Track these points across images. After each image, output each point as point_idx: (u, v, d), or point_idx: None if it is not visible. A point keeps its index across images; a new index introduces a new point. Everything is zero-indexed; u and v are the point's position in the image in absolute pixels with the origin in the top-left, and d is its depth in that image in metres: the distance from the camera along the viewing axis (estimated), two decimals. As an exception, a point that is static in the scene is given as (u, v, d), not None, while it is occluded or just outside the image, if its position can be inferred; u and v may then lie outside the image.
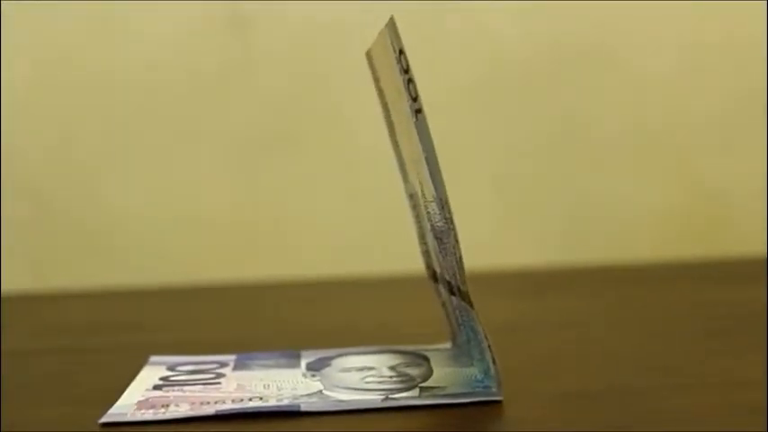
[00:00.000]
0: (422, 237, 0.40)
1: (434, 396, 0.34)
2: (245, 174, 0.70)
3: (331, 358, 0.40)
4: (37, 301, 0.61)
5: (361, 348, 0.42)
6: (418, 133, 0.33)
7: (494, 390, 0.34)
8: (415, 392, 0.35)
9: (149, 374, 0.39)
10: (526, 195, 0.72)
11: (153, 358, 0.41)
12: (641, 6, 0.72)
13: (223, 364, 0.40)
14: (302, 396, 0.34)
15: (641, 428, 0.30)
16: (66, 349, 0.46)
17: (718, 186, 0.74)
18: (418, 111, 0.32)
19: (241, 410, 0.33)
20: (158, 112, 0.70)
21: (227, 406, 0.33)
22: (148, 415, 0.33)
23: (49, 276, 0.69)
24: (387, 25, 0.33)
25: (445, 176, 0.33)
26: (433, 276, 0.41)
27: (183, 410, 0.33)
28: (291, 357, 0.41)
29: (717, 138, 0.74)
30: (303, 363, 0.40)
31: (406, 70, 0.32)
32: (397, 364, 0.39)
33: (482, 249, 0.71)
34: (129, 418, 0.33)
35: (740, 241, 0.74)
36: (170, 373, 0.39)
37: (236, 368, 0.39)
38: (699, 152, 0.74)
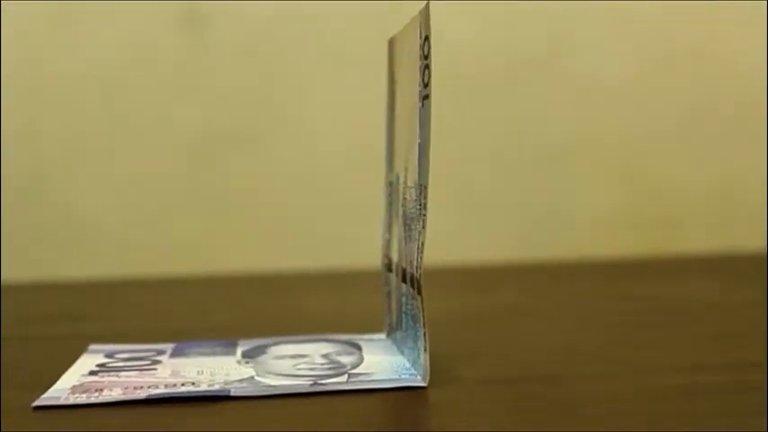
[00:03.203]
0: (388, 225, 0.42)
1: (361, 382, 0.35)
2: (200, 169, 0.71)
3: (267, 346, 0.42)
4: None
5: (297, 337, 0.43)
6: (420, 118, 0.34)
7: (419, 377, 0.35)
8: (343, 378, 0.36)
9: (87, 361, 0.39)
10: (484, 196, 0.74)
11: (92, 346, 0.42)
12: (596, 17, 0.74)
13: (161, 352, 0.41)
14: (234, 381, 0.36)
15: (551, 413, 0.31)
16: (6, 337, 0.46)
17: (669, 189, 0.76)
18: (426, 97, 0.34)
19: (172, 395, 0.34)
20: (117, 109, 0.70)
21: (159, 390, 0.34)
22: (81, 399, 0.34)
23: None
24: (421, 11, 0.34)
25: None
26: (388, 265, 0.42)
27: (115, 395, 0.34)
28: (228, 346, 0.42)
29: (669, 142, 0.76)
30: (239, 351, 0.41)
31: (426, 56, 0.34)
32: (330, 353, 0.40)
33: (440, 247, 0.72)
34: (62, 401, 0.34)
35: (691, 240, 0.76)
36: (107, 360, 0.39)
37: (172, 355, 0.40)
38: (651, 156, 0.76)
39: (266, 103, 0.71)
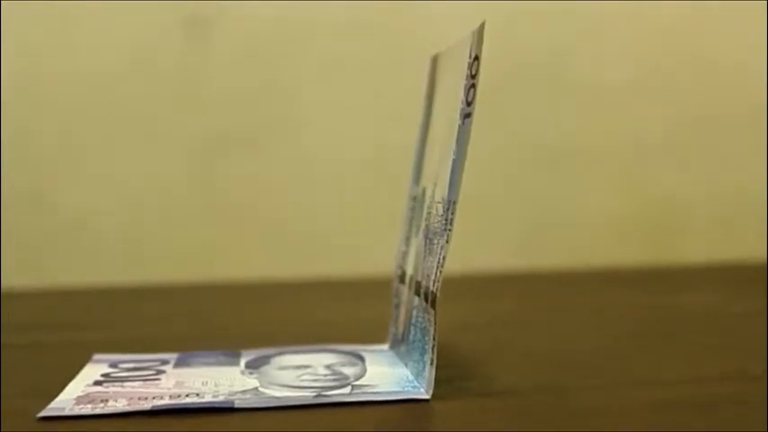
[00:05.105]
0: (407, 238, 0.42)
1: (364, 393, 0.35)
2: (200, 174, 0.71)
3: (270, 357, 0.42)
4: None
5: (300, 347, 0.43)
6: (459, 136, 0.35)
7: (422, 389, 0.35)
8: (347, 390, 0.36)
9: (91, 371, 0.40)
10: (483, 203, 0.74)
11: (96, 356, 0.42)
12: (598, 23, 0.74)
13: (164, 362, 0.41)
14: (237, 393, 0.36)
15: (552, 424, 0.31)
16: (12, 346, 0.47)
17: (670, 196, 0.76)
18: (468, 115, 0.34)
19: (176, 406, 0.34)
20: (118, 112, 0.70)
21: (164, 401, 0.35)
22: (86, 409, 0.34)
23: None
24: (474, 31, 0.35)
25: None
26: (401, 277, 0.42)
27: (120, 405, 0.34)
28: (232, 356, 0.42)
29: (670, 150, 0.76)
30: (243, 361, 0.41)
31: (474, 75, 0.34)
32: (333, 364, 0.40)
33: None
34: (67, 412, 0.34)
35: (692, 248, 0.76)
36: (111, 370, 0.40)
37: (176, 365, 0.40)
38: (652, 163, 0.76)
39: (268, 107, 0.71)
